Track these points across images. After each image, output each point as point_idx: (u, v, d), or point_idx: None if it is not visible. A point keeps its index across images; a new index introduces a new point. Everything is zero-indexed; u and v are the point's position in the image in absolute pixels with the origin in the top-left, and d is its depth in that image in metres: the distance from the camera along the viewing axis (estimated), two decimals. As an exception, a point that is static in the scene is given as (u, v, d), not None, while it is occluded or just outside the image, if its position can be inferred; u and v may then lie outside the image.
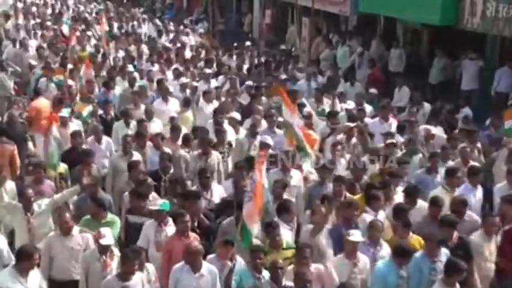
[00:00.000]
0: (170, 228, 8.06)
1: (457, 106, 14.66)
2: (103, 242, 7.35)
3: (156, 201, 8.47)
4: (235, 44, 21.67)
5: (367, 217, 8.29)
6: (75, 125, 11.82)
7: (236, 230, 7.73)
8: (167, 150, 10.54)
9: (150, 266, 7.42)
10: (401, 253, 7.30)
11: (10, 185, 9.39)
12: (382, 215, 8.53)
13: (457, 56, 16.92)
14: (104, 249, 7.39)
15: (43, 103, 12.84)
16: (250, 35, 26.47)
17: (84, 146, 10.77)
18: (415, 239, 7.91)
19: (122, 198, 9.20)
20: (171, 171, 9.80)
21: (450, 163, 10.32)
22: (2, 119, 13.34)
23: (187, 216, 7.76)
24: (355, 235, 7.44)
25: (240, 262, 7.36)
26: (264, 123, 11.82)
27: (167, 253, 7.64)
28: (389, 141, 10.77)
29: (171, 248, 7.65)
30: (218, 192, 9.32)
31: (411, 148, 10.87)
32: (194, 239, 7.71)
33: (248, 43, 21.11)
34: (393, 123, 12.42)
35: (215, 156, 10.44)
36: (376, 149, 10.73)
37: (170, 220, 8.13)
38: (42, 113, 12.11)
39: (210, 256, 7.45)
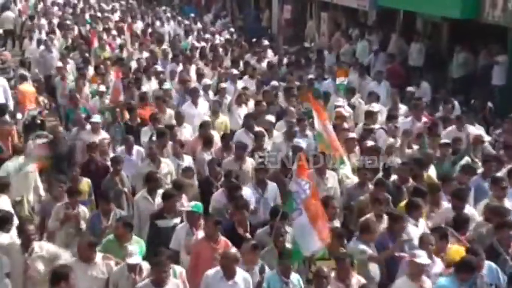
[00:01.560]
0: (202, 232, 7.86)
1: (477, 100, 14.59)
2: (131, 261, 7.08)
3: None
4: (253, 40, 21.54)
5: (408, 227, 7.93)
6: (105, 133, 11.44)
7: (270, 239, 7.59)
8: (187, 156, 10.38)
9: (177, 268, 7.24)
10: (466, 268, 6.85)
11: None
12: (422, 224, 8.22)
13: (477, 49, 16.75)
14: (132, 268, 7.09)
15: (28, 88, 14.26)
16: (269, 30, 26.42)
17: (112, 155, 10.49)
18: (454, 251, 7.52)
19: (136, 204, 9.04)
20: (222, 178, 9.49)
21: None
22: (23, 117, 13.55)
23: (215, 221, 7.63)
24: (422, 257, 6.96)
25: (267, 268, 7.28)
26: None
27: (195, 257, 7.50)
28: (443, 141, 10.55)
29: (199, 252, 7.53)
30: (247, 196, 8.94)
31: (460, 151, 10.45)
32: (225, 244, 7.58)
33: (266, 42, 20.35)
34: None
35: (249, 162, 10.17)
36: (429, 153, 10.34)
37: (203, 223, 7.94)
38: (26, 97, 13.80)
39: None
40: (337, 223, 8.42)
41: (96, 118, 11.53)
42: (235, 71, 15.25)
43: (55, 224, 8.57)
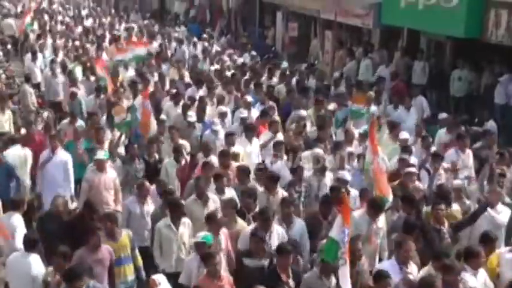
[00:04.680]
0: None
1: (480, 119, 14.67)
2: None
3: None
4: (258, 58, 21.55)
5: (466, 277, 7.25)
6: (113, 171, 10.30)
7: (321, 283, 7.28)
8: (228, 188, 9.66)
9: None
10: None
11: None
12: (483, 274, 7.53)
13: (481, 69, 16.87)
14: None
15: None
16: (273, 48, 26.59)
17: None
18: None
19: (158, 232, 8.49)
20: (257, 208, 8.90)
21: None
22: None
23: (217, 258, 7.34)
24: None
25: None
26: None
27: None
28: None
29: None
30: (279, 234, 8.34)
31: None
32: (227, 280, 7.40)
33: (286, 64, 19.92)
34: (470, 154, 11.28)
35: (280, 193, 9.44)
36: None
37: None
38: None
39: None
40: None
41: (100, 155, 10.19)
42: (249, 99, 13.97)
43: None
